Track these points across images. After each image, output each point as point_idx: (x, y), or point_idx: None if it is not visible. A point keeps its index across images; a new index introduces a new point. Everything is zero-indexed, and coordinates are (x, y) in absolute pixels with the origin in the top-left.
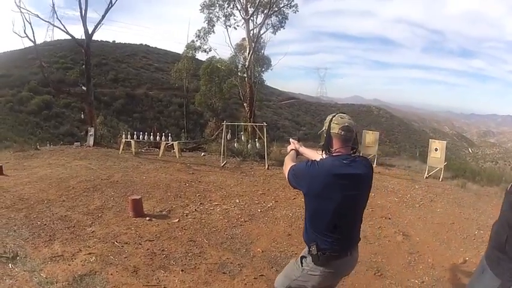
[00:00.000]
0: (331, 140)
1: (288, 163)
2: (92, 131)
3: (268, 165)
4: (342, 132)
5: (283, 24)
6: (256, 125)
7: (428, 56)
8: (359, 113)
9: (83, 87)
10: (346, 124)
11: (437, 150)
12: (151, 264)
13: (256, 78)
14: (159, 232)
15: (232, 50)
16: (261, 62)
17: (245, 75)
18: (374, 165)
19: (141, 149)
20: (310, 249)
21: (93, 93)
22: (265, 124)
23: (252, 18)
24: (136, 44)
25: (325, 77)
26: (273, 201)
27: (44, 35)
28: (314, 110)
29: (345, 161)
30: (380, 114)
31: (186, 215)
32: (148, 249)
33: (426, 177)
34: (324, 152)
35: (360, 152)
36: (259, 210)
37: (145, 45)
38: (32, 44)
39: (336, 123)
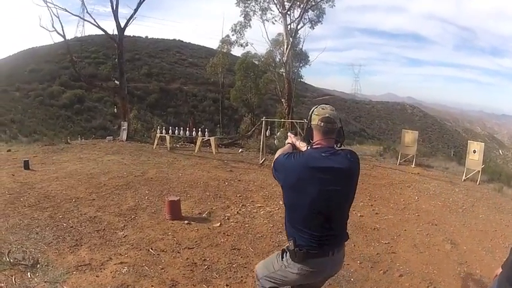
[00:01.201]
0: (312, 132)
1: (276, 156)
2: (125, 125)
3: None
4: (322, 124)
5: (320, 19)
6: (297, 122)
7: (459, 54)
8: (393, 111)
9: (116, 82)
10: (327, 115)
11: (475, 152)
12: (191, 277)
13: (294, 74)
14: (199, 238)
15: (270, 44)
16: (299, 57)
17: (282, 70)
18: (413, 166)
19: (176, 144)
20: (289, 244)
21: (127, 87)
22: (305, 121)
23: (289, 12)
24: (169, 39)
25: (360, 74)
26: None
27: (74, 30)
28: (348, 107)
29: (323, 154)
30: (414, 113)
31: (228, 219)
32: (187, 258)
33: (464, 180)
34: (306, 144)
35: (401, 152)
36: None
37: (179, 40)
38: (61, 39)
39: (316, 115)
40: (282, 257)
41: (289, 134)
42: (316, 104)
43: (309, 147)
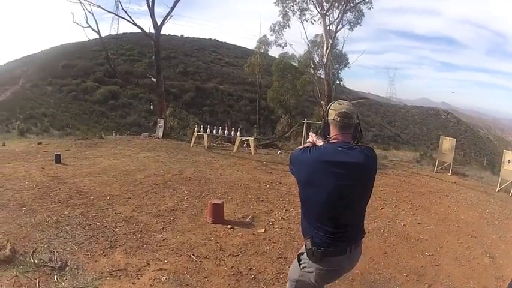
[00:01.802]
0: (328, 126)
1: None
2: (161, 122)
3: None
4: (338, 119)
5: (359, 21)
6: None
7: (492, 59)
8: (427, 116)
9: (153, 79)
10: (344, 110)
11: (510, 162)
12: (237, 287)
13: (334, 76)
14: (243, 244)
15: (309, 45)
16: (338, 59)
17: (320, 72)
18: (449, 174)
19: (213, 143)
20: (306, 244)
21: (163, 85)
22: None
23: (327, 13)
24: (205, 39)
25: (395, 78)
26: None
27: (107, 28)
28: (384, 111)
29: (339, 148)
30: (448, 119)
31: (272, 224)
32: (232, 266)
33: (497, 191)
34: (323, 140)
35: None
36: None
37: (215, 39)
38: (95, 36)
39: (333, 110)
40: (299, 261)
41: (310, 133)
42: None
43: (325, 142)
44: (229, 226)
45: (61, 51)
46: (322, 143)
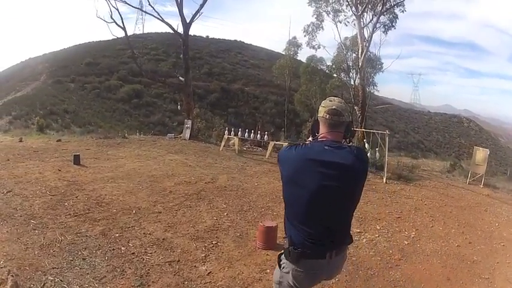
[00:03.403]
0: (318, 124)
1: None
2: (188, 123)
3: (386, 179)
4: (328, 116)
5: (394, 24)
6: (378, 133)
7: None
8: (450, 123)
9: (181, 78)
10: (334, 107)
11: None
12: None
13: (368, 81)
14: None
15: (343, 48)
16: (371, 63)
17: (351, 76)
18: (481, 186)
19: (243, 146)
20: (284, 243)
21: (191, 84)
22: (387, 132)
23: (362, 15)
24: (230, 40)
25: (419, 83)
26: (414, 230)
27: (132, 28)
28: (407, 117)
29: (326, 147)
30: (470, 127)
31: None
32: None
33: None
34: (312, 138)
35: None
36: (405, 243)
37: (240, 41)
38: (120, 33)
39: (323, 107)
40: (280, 262)
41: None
42: (376, 112)
43: (313, 140)
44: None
45: (85, 49)
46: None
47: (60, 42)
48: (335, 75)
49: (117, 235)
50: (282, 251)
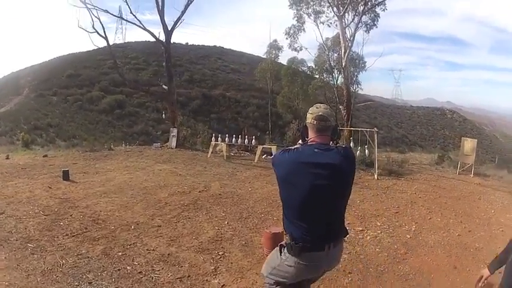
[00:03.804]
0: (307, 129)
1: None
2: (174, 131)
3: (377, 175)
4: (315, 122)
5: (375, 23)
6: (367, 131)
7: (496, 57)
8: (433, 116)
9: (164, 86)
10: (320, 113)
11: None
12: None
13: (351, 80)
14: (320, 280)
15: (325, 48)
16: (353, 62)
17: (333, 76)
18: (471, 175)
19: (230, 152)
20: (286, 239)
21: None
22: (376, 130)
23: (344, 16)
24: (210, 46)
25: (400, 79)
26: (413, 223)
27: (112, 37)
28: (390, 112)
29: (316, 150)
30: (454, 118)
31: None
32: None
33: None
34: (302, 142)
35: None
36: (408, 236)
37: (220, 46)
38: (101, 45)
39: (311, 113)
40: (281, 252)
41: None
42: (358, 110)
43: (303, 144)
44: None
45: (66, 61)
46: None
47: (41, 55)
48: (317, 76)
49: (119, 254)
50: (284, 244)
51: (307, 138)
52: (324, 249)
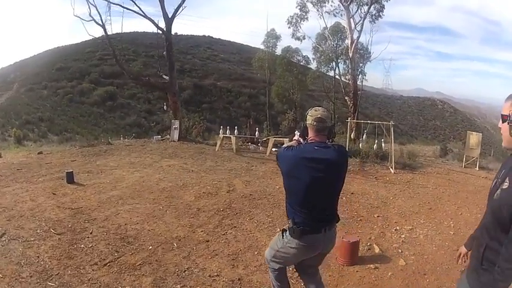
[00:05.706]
0: (307, 129)
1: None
2: (176, 123)
3: (393, 169)
4: (315, 123)
5: (381, 14)
6: (383, 124)
7: (487, 48)
8: (424, 106)
9: (165, 77)
10: (319, 116)
11: None
12: None
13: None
14: (405, 286)
15: (330, 38)
16: (360, 53)
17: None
18: (476, 169)
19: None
20: (288, 223)
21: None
22: (392, 123)
23: (350, 5)
24: (199, 36)
25: (390, 69)
26: (449, 219)
27: (101, 29)
28: (380, 102)
29: (316, 147)
30: (444, 108)
31: (400, 251)
32: None
33: None
34: (303, 140)
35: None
36: (451, 233)
37: (209, 36)
38: (96, 35)
39: (310, 116)
40: (283, 236)
41: (296, 131)
42: None
43: (304, 143)
44: (372, 266)
45: (55, 54)
46: (303, 142)
47: (29, 48)
48: (311, 66)
49: (178, 287)
50: (286, 228)
51: (307, 137)
52: (321, 232)
